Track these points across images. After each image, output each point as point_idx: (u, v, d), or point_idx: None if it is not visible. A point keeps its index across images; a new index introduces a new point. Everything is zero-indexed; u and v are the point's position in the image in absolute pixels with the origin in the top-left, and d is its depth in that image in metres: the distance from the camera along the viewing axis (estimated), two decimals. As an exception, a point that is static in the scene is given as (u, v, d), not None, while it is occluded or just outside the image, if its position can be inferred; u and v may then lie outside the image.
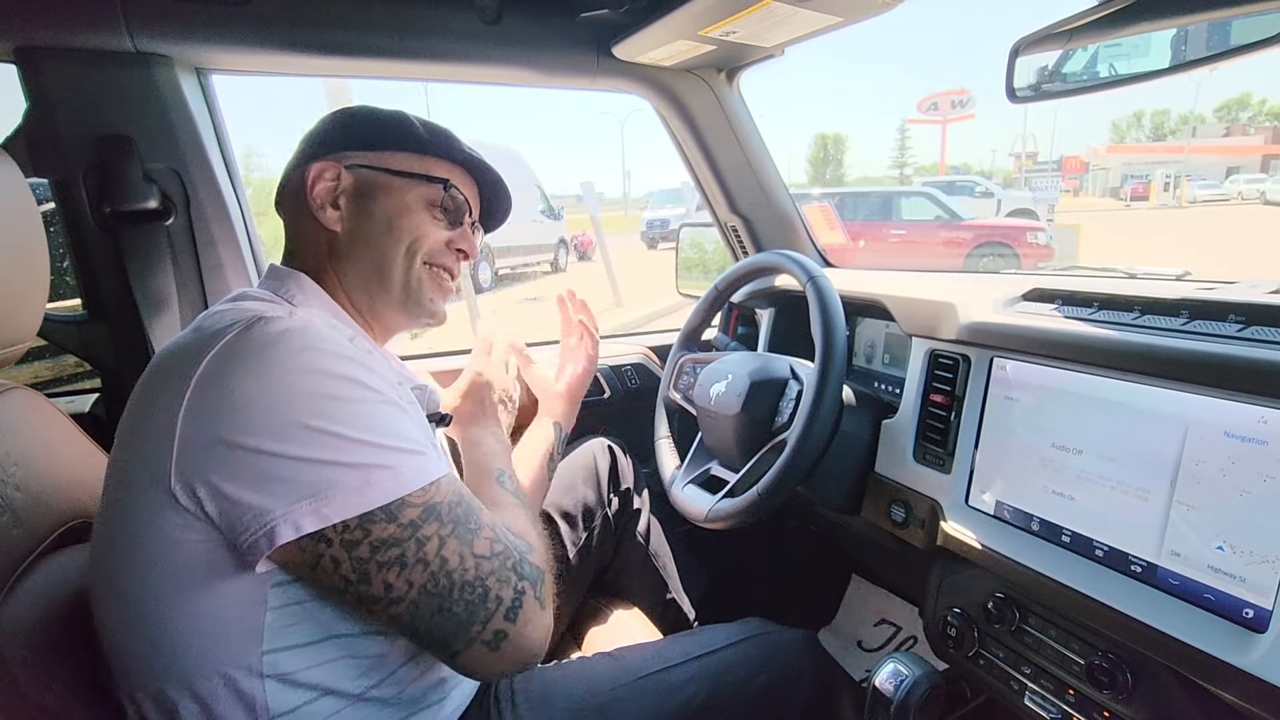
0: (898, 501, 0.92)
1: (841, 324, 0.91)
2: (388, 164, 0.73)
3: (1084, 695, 0.73)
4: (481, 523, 0.59)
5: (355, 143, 0.73)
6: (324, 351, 0.55)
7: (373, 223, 0.72)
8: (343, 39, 1.03)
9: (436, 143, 0.75)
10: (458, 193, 0.76)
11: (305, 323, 0.57)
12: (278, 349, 0.53)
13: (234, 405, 0.51)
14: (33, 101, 0.93)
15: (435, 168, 0.75)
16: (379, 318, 0.76)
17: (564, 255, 12.29)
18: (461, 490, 0.60)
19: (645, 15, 1.03)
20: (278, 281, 0.70)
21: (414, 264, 0.74)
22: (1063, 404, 0.75)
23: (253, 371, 0.52)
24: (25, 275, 0.67)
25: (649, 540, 1.14)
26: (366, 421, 0.54)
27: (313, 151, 0.73)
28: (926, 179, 20.16)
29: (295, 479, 0.51)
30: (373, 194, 0.72)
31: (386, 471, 0.53)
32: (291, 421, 0.51)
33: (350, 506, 0.52)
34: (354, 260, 0.72)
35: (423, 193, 0.74)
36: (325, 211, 0.71)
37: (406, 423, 0.58)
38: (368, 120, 0.75)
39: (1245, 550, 0.59)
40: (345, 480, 0.52)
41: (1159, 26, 0.71)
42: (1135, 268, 0.98)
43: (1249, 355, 0.60)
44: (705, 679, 0.78)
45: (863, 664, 1.42)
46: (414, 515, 0.54)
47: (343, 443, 0.52)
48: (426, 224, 0.74)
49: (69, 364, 1.49)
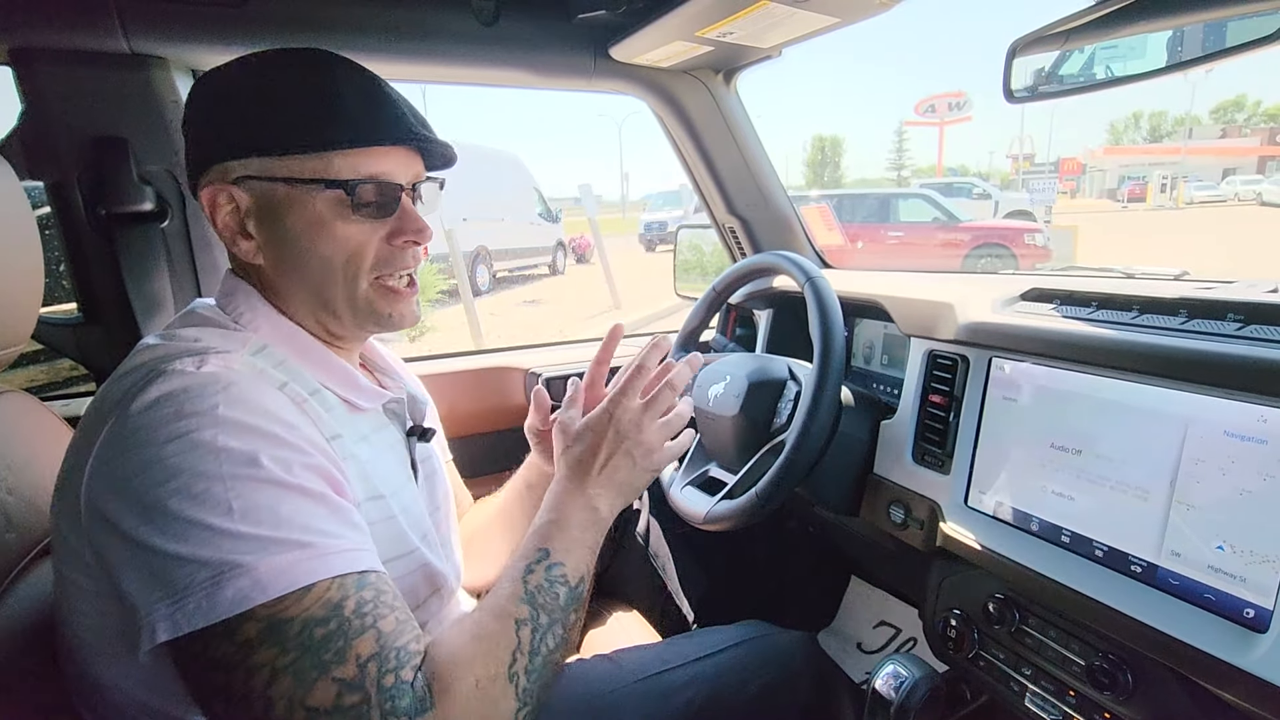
0: (897, 502, 0.92)
1: (840, 325, 0.91)
2: (280, 172, 0.58)
3: (1084, 696, 0.73)
4: (348, 653, 0.46)
5: (234, 149, 0.59)
6: (211, 417, 0.48)
7: (294, 248, 0.60)
8: (339, 40, 1.03)
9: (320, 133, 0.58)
10: (372, 184, 0.60)
11: (210, 378, 0.50)
12: (163, 413, 0.48)
13: (116, 481, 0.47)
14: (27, 103, 0.93)
15: (336, 161, 0.58)
16: (337, 335, 0.66)
17: (562, 258, 12.31)
18: (346, 598, 0.47)
19: (642, 16, 1.03)
20: (229, 296, 0.63)
21: (359, 285, 0.62)
22: (1062, 404, 0.75)
23: (133, 444, 0.47)
24: (19, 278, 0.66)
25: (648, 542, 1.14)
26: (239, 504, 0.46)
27: (198, 164, 0.61)
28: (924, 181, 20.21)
29: (161, 574, 0.45)
30: (277, 212, 0.59)
31: (240, 572, 0.44)
32: (156, 504, 0.45)
33: (200, 614, 0.44)
34: (290, 291, 0.62)
35: (330, 198, 0.59)
36: (238, 244, 0.61)
37: (295, 505, 0.48)
38: (236, 116, 0.59)
39: (1245, 550, 0.59)
40: (198, 580, 0.44)
41: (1155, 27, 0.71)
42: (1133, 267, 0.97)
43: (1248, 354, 0.60)
44: (704, 681, 0.78)
45: (862, 666, 1.41)
46: (253, 633, 0.44)
47: (204, 533, 0.45)
48: (353, 233, 0.60)
49: (64, 367, 1.48)
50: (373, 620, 0.48)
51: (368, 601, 0.48)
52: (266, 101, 0.59)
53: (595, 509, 0.65)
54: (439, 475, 0.80)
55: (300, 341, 0.63)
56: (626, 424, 0.68)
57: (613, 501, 0.67)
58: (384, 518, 0.61)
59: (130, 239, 0.98)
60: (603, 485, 0.66)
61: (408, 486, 0.68)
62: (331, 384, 0.63)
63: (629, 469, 0.67)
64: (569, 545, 0.61)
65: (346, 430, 0.61)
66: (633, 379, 0.70)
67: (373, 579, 0.50)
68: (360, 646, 0.46)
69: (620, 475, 0.67)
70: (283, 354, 0.60)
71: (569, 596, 0.58)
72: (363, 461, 0.61)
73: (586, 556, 0.62)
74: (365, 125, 0.60)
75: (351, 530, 0.51)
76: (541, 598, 0.56)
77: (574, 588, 0.59)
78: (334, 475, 0.53)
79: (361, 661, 0.46)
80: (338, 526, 0.50)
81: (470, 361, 1.45)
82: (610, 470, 0.67)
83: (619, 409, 0.68)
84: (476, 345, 5.49)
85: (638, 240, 15.79)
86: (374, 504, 0.61)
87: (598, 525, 0.65)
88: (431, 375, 1.35)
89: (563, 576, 0.59)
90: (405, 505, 0.65)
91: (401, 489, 0.66)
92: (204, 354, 0.53)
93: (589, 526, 0.64)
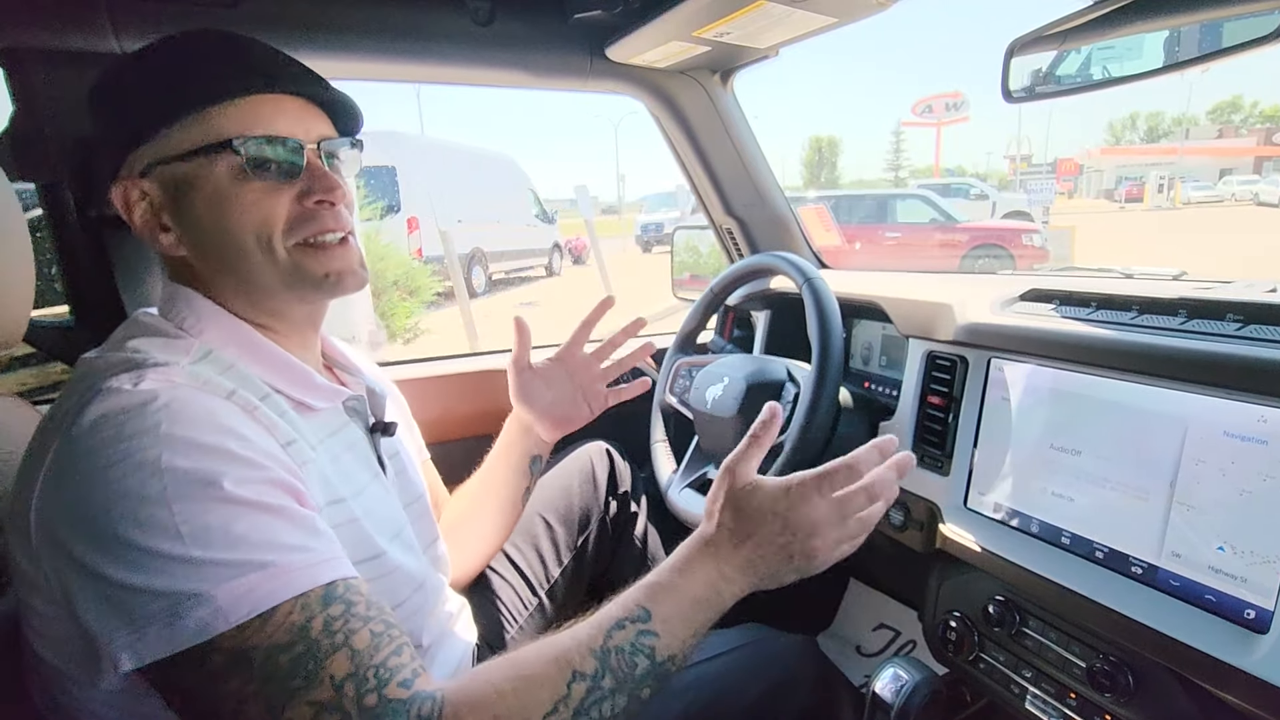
0: (896, 504, 0.91)
1: (838, 326, 0.91)
2: (174, 148, 0.56)
3: (1085, 698, 0.72)
4: (320, 675, 0.44)
5: (125, 139, 0.57)
6: (153, 436, 0.46)
7: (205, 230, 0.58)
8: (333, 40, 1.02)
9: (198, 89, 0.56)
10: (258, 142, 0.56)
11: (149, 395, 0.48)
12: (102, 436, 0.46)
13: (63, 505, 0.46)
14: (18, 105, 0.92)
15: (221, 122, 0.56)
16: (286, 317, 0.63)
17: (558, 259, 12.30)
18: (312, 618, 0.45)
19: (638, 17, 1.02)
20: (169, 303, 0.61)
21: (276, 253, 0.59)
22: (1061, 405, 0.74)
23: (76, 469, 0.46)
24: (10, 280, 0.66)
25: (646, 544, 1.13)
26: (186, 528, 0.44)
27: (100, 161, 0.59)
28: (921, 181, 20.28)
29: (118, 604, 0.43)
30: (183, 194, 0.57)
31: (198, 601, 0.43)
32: (105, 532, 0.44)
33: (162, 642, 0.42)
34: (216, 278, 0.60)
35: (226, 166, 0.56)
36: (159, 241, 0.59)
37: (251, 521, 0.46)
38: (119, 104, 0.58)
39: (1246, 550, 0.59)
40: (155, 611, 0.43)
41: (1151, 28, 0.72)
42: (1132, 268, 0.97)
43: (1247, 354, 0.60)
44: (704, 685, 0.77)
45: (862, 669, 1.41)
46: (218, 663, 0.43)
47: (156, 561, 0.43)
48: (257, 199, 0.57)
49: (55, 371, 1.47)
50: (344, 639, 0.45)
51: (336, 618, 0.46)
52: (139, 79, 0.58)
53: (719, 592, 0.56)
54: (410, 470, 0.79)
55: (248, 339, 0.60)
56: (801, 519, 0.57)
57: (743, 589, 0.58)
58: (345, 521, 0.60)
59: (122, 241, 0.97)
60: (741, 569, 0.57)
61: (372, 485, 0.67)
62: (283, 385, 0.61)
63: (779, 564, 0.58)
64: (674, 619, 0.54)
65: (300, 434, 0.59)
66: (835, 474, 0.59)
67: (341, 590, 0.47)
68: (333, 667, 0.44)
69: (764, 568, 0.58)
70: (230, 357, 0.58)
71: (648, 671, 0.51)
72: (320, 465, 0.59)
73: (689, 638, 0.55)
74: (232, 74, 0.57)
75: (316, 539, 0.49)
76: (615, 659, 0.50)
77: (659, 664, 0.52)
78: (294, 485, 0.51)
79: (337, 683, 0.44)
80: (302, 538, 0.48)
81: (466, 364, 1.44)
82: (758, 559, 0.57)
83: (802, 502, 0.58)
84: (472, 348, 5.48)
85: (634, 242, 15.81)
86: (334, 508, 0.59)
87: (717, 608, 0.57)
88: (427, 378, 1.34)
89: (651, 648, 0.52)
90: (369, 506, 0.64)
91: (364, 489, 0.65)
92: (140, 368, 0.51)
93: (706, 606, 0.56)
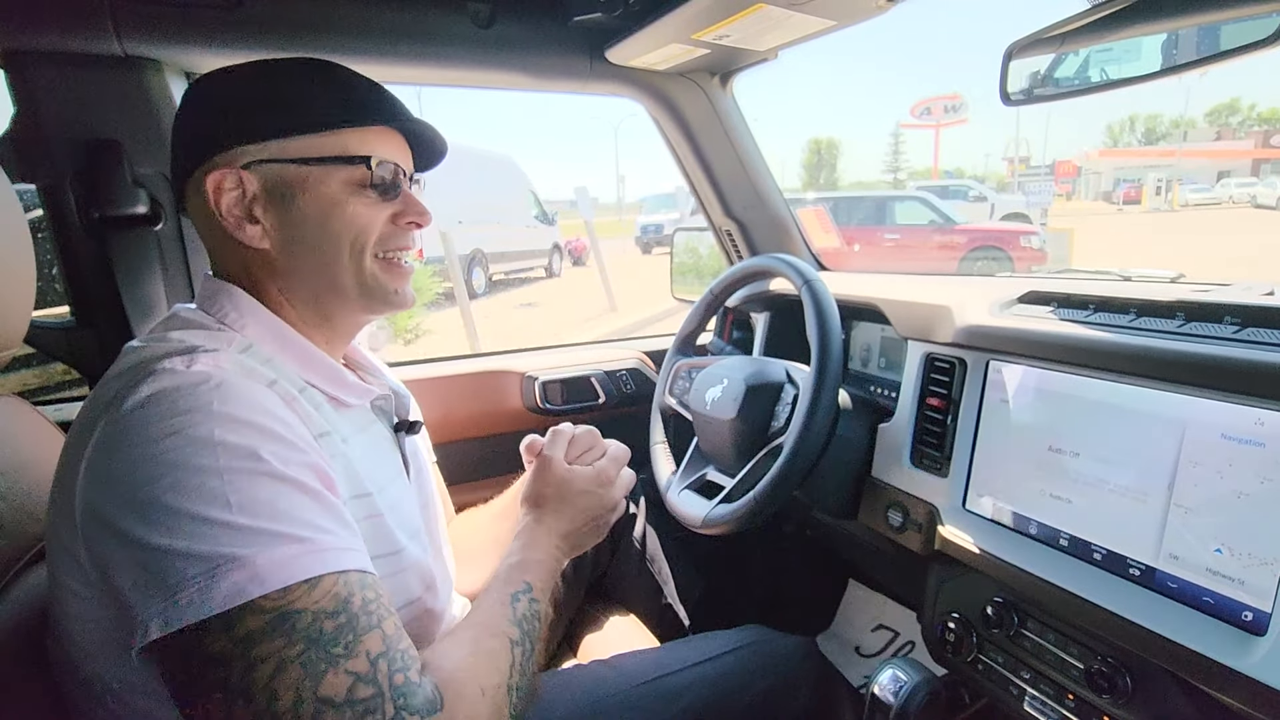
0: (895, 506, 0.92)
1: (837, 327, 0.91)
2: (294, 153, 0.60)
3: (1084, 700, 0.73)
4: (357, 648, 0.46)
5: (244, 134, 0.60)
6: (205, 413, 0.48)
7: (303, 229, 0.62)
8: (334, 42, 1.03)
9: (337, 111, 0.62)
10: (386, 164, 0.63)
11: (201, 376, 0.50)
12: (156, 411, 0.47)
13: (111, 480, 0.47)
14: (20, 106, 0.92)
15: (349, 140, 0.62)
16: (336, 325, 0.67)
17: (558, 260, 12.30)
18: (352, 594, 0.47)
19: (638, 19, 1.03)
20: (211, 299, 0.62)
21: (364, 261, 0.64)
22: (1059, 407, 0.75)
23: (126, 442, 0.47)
24: (11, 281, 0.66)
25: (645, 546, 1.13)
26: (235, 497, 0.45)
27: (199, 152, 0.61)
28: (920, 183, 20.27)
29: (155, 570, 0.44)
30: (290, 193, 0.61)
31: (236, 565, 0.44)
32: (152, 501, 0.45)
33: (193, 608, 0.43)
34: (296, 274, 0.63)
35: (345, 176, 0.62)
36: (243, 230, 0.61)
37: (293, 499, 0.48)
38: (248, 102, 0.61)
39: (1244, 553, 0.59)
40: (192, 575, 0.43)
41: (1149, 30, 0.72)
42: (1130, 270, 0.98)
43: (1245, 357, 0.60)
44: (703, 686, 0.77)
45: (861, 670, 1.41)
46: (255, 626, 0.43)
47: (199, 526, 0.44)
48: (363, 211, 0.63)
49: (57, 371, 1.47)
50: (378, 620, 0.48)
51: (372, 600, 0.49)
52: (276, 87, 0.62)
53: (557, 558, 0.73)
54: (426, 473, 0.80)
55: (287, 336, 0.63)
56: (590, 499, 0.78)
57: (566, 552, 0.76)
58: (368, 515, 0.61)
59: (123, 242, 0.98)
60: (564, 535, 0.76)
61: (396, 482, 0.69)
62: (318, 381, 0.63)
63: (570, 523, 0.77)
64: (542, 585, 0.68)
65: (334, 427, 0.61)
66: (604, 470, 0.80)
67: (371, 580, 0.50)
68: (369, 643, 0.47)
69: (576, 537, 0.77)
70: (269, 351, 0.60)
71: (538, 628, 0.64)
72: (350, 459, 0.61)
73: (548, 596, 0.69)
74: (373, 106, 0.64)
75: (344, 529, 0.51)
76: (527, 625, 0.62)
77: (542, 622, 0.65)
78: (326, 472, 0.53)
79: (372, 658, 0.46)
80: (332, 524, 0.50)
81: (466, 365, 1.44)
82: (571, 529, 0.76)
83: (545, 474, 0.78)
84: (473, 348, 5.48)
85: (634, 243, 15.81)
86: (359, 502, 0.60)
87: (561, 563, 0.74)
88: (428, 379, 1.34)
89: (538, 612, 0.65)
90: (392, 502, 0.65)
91: (389, 485, 0.66)
92: (192, 353, 0.53)
93: (556, 570, 0.72)
